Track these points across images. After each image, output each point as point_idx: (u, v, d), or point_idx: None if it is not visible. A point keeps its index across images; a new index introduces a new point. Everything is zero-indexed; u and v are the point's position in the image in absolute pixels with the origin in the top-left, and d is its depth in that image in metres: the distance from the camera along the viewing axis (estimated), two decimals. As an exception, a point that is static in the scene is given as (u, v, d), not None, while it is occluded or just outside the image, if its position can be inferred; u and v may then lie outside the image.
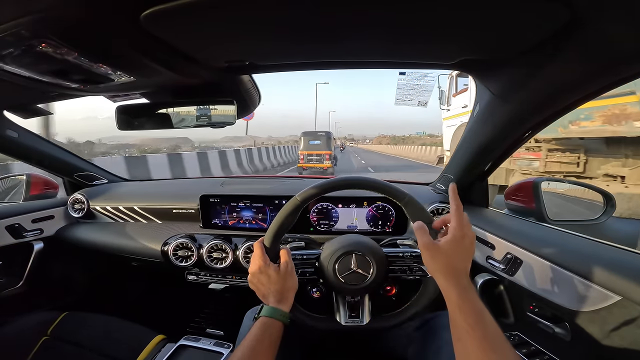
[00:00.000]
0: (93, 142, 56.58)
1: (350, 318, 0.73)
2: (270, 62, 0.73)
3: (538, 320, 0.73)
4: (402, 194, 0.67)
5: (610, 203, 0.88)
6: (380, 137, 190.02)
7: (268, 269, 0.64)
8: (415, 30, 0.54)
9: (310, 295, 0.87)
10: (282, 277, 0.64)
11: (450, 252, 0.52)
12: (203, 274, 1.19)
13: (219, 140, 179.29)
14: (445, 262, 0.51)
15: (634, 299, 0.54)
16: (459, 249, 0.52)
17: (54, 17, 0.46)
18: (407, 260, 0.76)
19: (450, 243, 0.52)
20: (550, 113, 0.71)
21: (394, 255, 0.76)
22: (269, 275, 0.64)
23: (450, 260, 0.51)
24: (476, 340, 0.43)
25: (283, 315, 0.60)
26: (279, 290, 0.63)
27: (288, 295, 0.63)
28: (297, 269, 0.74)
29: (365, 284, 0.71)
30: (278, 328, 0.58)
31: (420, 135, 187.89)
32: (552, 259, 0.70)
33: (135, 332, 1.06)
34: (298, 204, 0.68)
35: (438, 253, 0.52)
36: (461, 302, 0.47)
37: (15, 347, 0.98)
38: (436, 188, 1.22)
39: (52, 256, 1.33)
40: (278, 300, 0.62)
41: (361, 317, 0.73)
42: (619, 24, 0.44)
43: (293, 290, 0.65)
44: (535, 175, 3.83)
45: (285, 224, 0.68)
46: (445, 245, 0.53)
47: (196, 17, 0.48)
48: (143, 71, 0.70)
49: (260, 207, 1.17)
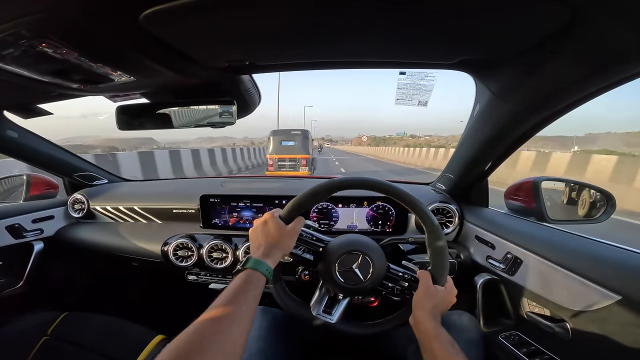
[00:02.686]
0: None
1: (323, 311, 0.73)
2: (270, 62, 0.73)
3: (538, 320, 0.73)
4: (432, 220, 0.67)
5: (610, 203, 0.88)
6: (360, 138, 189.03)
7: (272, 221, 0.66)
8: (415, 30, 0.54)
9: (299, 275, 0.86)
10: (281, 234, 0.64)
11: (440, 299, 0.66)
12: (203, 274, 1.19)
13: (190, 141, 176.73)
14: (434, 303, 0.65)
15: (633, 298, 0.54)
16: (446, 299, 0.68)
17: (54, 17, 0.46)
18: (403, 282, 0.74)
19: (444, 293, 0.68)
20: (550, 113, 0.71)
21: (395, 272, 0.75)
22: (270, 228, 0.65)
23: (438, 304, 0.66)
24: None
25: (268, 270, 0.59)
26: (272, 244, 0.63)
27: (277, 252, 0.63)
28: (300, 246, 0.74)
29: (357, 286, 0.71)
30: (262, 282, 0.57)
31: (402, 136, 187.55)
32: (552, 258, 0.70)
33: (136, 332, 1.06)
34: (334, 186, 0.68)
35: (433, 296, 0.66)
36: (436, 332, 0.59)
37: (16, 347, 0.98)
38: (436, 188, 1.22)
39: (52, 256, 1.33)
40: (266, 254, 0.61)
41: (332, 315, 0.72)
42: (618, 24, 0.44)
43: (282, 251, 0.64)
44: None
45: (311, 200, 0.68)
46: (441, 292, 0.67)
47: (196, 17, 0.48)
48: (143, 71, 0.70)
49: (260, 207, 1.17)
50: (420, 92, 0.84)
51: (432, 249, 0.68)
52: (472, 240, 1.01)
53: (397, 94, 0.86)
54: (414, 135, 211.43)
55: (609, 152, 12.11)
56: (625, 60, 0.50)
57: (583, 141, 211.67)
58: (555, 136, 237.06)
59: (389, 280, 0.74)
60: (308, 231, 0.76)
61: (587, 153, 9.39)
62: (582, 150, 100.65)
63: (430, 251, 0.69)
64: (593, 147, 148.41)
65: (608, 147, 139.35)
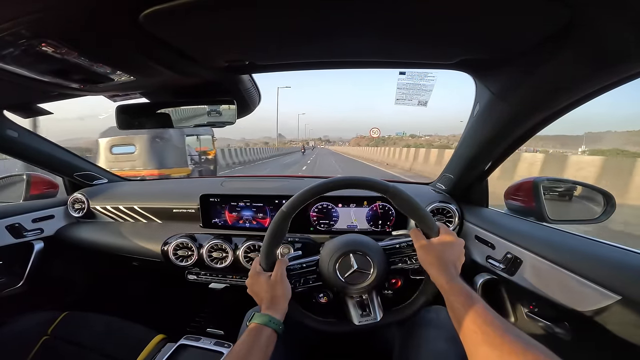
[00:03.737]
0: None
1: (362, 317, 0.72)
2: (270, 62, 0.73)
3: (538, 320, 0.73)
4: (385, 186, 0.66)
5: (610, 202, 0.88)
6: (359, 139, 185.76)
7: (258, 277, 0.67)
8: (415, 30, 0.54)
9: (318, 301, 0.86)
10: (271, 285, 0.65)
11: (440, 248, 0.63)
12: (203, 274, 1.19)
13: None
14: (436, 255, 0.62)
15: (633, 298, 0.54)
16: (448, 247, 0.63)
17: (54, 17, 0.46)
18: (405, 250, 0.74)
19: (440, 242, 0.64)
20: (550, 113, 0.71)
21: (391, 248, 0.75)
22: (260, 283, 0.66)
23: (441, 254, 0.62)
24: (469, 315, 0.50)
25: (274, 322, 0.59)
26: (269, 298, 0.64)
27: (278, 302, 0.63)
28: (299, 278, 0.73)
29: (368, 282, 0.71)
30: (267, 334, 0.57)
31: (401, 136, 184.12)
32: (552, 258, 0.70)
33: (136, 331, 1.06)
34: (285, 215, 0.67)
35: (431, 248, 0.63)
36: (450, 286, 0.56)
37: (16, 347, 0.98)
38: (436, 187, 1.22)
39: (53, 256, 1.33)
40: (268, 307, 0.62)
41: (374, 314, 0.72)
42: (618, 24, 0.44)
43: (283, 298, 0.65)
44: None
45: (277, 236, 0.68)
46: (436, 242, 0.64)
47: (196, 16, 0.48)
48: (143, 71, 0.70)
49: (260, 206, 1.17)
50: (420, 92, 0.84)
51: (405, 209, 0.67)
52: (472, 240, 1.01)
53: (397, 94, 0.86)
54: (414, 135, 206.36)
55: (621, 152, 10.85)
56: (625, 60, 0.50)
57: (587, 140, 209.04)
58: (556, 135, 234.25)
59: (393, 257, 0.74)
60: (295, 263, 0.76)
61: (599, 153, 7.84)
62: (592, 150, 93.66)
63: (405, 212, 0.68)
64: (601, 147, 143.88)
65: (616, 147, 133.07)
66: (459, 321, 0.51)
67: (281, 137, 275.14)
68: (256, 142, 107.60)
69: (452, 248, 0.64)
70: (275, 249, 0.69)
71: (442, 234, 0.66)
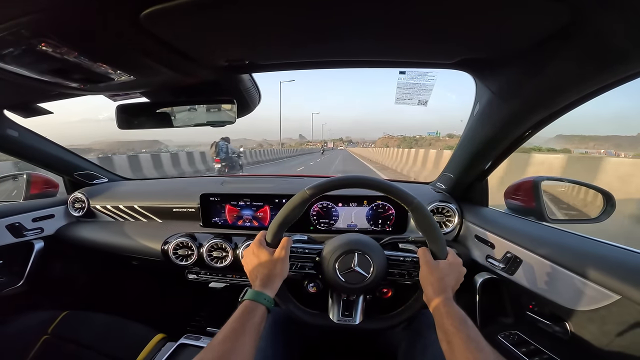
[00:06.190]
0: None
1: (343, 316, 0.73)
2: (270, 62, 0.73)
3: (537, 320, 0.73)
4: (411, 199, 0.66)
5: (610, 202, 0.88)
6: (386, 139, 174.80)
7: (260, 251, 0.66)
8: (415, 29, 0.54)
9: (306, 290, 0.87)
10: (272, 261, 0.64)
11: (445, 271, 0.64)
12: (203, 273, 1.19)
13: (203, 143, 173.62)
14: (439, 277, 0.63)
15: (633, 298, 0.54)
16: (452, 271, 0.65)
17: (53, 16, 0.46)
18: (407, 265, 0.75)
19: (447, 265, 0.65)
20: (550, 112, 0.71)
21: (395, 259, 0.76)
22: (260, 258, 0.65)
23: (444, 277, 0.63)
24: (462, 340, 0.51)
25: (267, 299, 0.59)
26: (267, 274, 0.63)
27: (274, 280, 0.63)
28: (297, 262, 0.74)
29: (363, 284, 0.71)
30: (261, 312, 0.58)
31: (434, 136, 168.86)
32: (551, 258, 0.71)
33: (136, 331, 1.06)
34: (306, 197, 0.67)
35: (436, 269, 0.64)
36: (447, 309, 0.57)
37: (16, 346, 0.98)
38: (436, 187, 1.22)
39: (53, 255, 1.34)
40: (263, 284, 0.62)
41: (354, 317, 0.73)
42: (618, 24, 0.44)
43: (280, 277, 0.65)
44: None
45: (290, 216, 0.67)
46: (443, 264, 0.65)
47: (196, 16, 0.48)
48: (143, 70, 0.70)
49: (260, 206, 1.17)
50: (421, 91, 0.84)
51: (421, 225, 0.67)
52: (472, 240, 1.01)
53: (397, 93, 0.86)
54: (451, 135, 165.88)
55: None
56: (625, 60, 0.50)
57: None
58: (608, 135, 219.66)
59: (393, 268, 0.74)
60: (299, 245, 0.76)
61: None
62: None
63: (420, 229, 0.68)
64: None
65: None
66: (450, 343, 0.52)
67: (301, 138, 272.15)
68: (271, 142, 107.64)
69: (455, 273, 0.65)
70: (285, 227, 0.68)
71: (450, 258, 0.67)
